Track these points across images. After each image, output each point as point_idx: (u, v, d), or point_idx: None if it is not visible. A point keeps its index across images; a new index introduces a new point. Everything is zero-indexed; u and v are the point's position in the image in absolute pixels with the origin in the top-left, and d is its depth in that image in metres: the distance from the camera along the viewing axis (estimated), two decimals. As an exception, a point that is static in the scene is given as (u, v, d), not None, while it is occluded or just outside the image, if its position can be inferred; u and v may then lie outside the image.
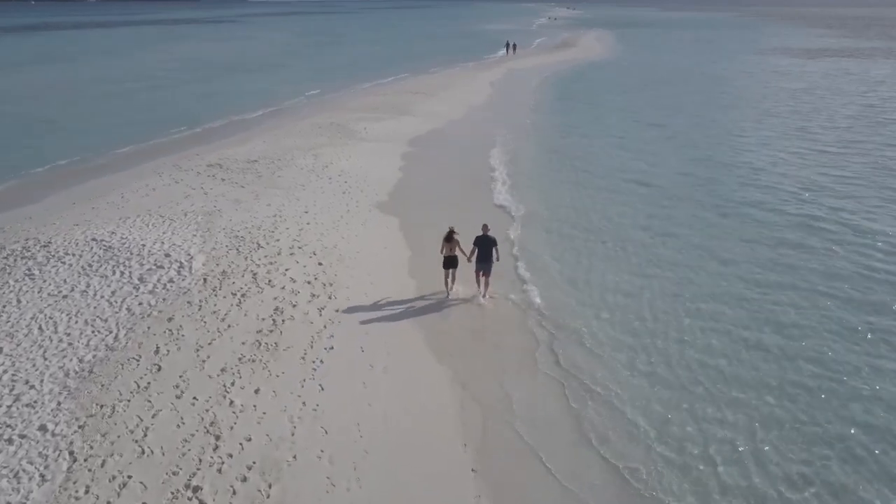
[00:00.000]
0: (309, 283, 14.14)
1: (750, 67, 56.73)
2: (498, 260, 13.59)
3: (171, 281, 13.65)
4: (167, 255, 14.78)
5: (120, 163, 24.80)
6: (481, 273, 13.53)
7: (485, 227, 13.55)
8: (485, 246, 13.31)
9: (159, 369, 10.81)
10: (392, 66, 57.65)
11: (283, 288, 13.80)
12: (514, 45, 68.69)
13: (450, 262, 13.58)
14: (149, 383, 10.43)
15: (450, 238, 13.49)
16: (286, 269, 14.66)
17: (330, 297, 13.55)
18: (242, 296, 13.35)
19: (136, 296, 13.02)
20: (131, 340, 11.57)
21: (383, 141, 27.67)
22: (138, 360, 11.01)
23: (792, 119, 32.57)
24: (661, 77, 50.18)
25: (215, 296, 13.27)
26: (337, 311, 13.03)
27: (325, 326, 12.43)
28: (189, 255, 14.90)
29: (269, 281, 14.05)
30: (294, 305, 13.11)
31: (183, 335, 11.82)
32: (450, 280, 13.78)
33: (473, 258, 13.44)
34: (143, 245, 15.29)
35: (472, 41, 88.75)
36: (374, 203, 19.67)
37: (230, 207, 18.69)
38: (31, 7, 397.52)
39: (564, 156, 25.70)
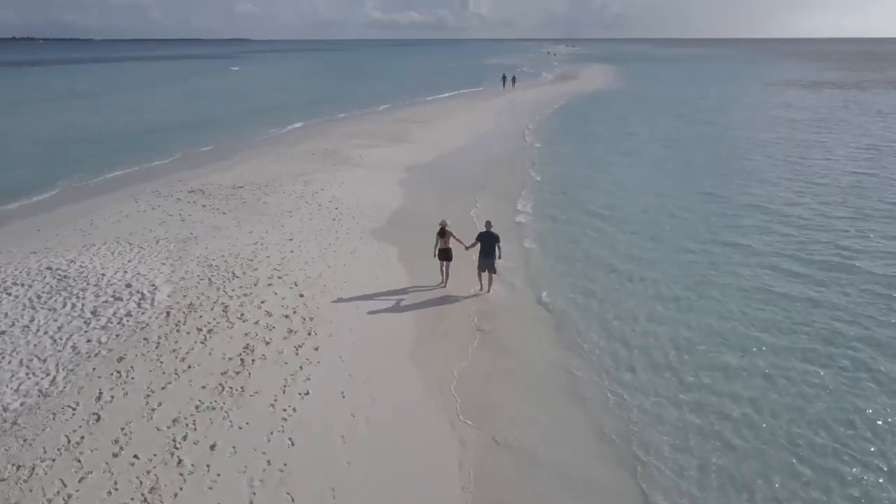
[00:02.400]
0: (287, 316, 12.46)
1: (753, 99, 55.92)
2: (500, 258, 13.77)
3: (128, 315, 11.97)
4: (128, 286, 13.13)
5: (97, 189, 23.34)
6: (485, 269, 13.73)
7: (488, 224, 13.87)
8: (487, 242, 13.53)
9: (98, 420, 9.06)
10: (389, 97, 56.96)
11: (256, 322, 12.11)
12: (514, 79, 67.61)
13: (444, 255, 13.97)
14: (82, 437, 8.67)
15: (442, 233, 13.89)
16: (262, 302, 12.99)
17: (309, 334, 11.86)
18: (209, 331, 11.66)
19: (86, 332, 11.33)
20: (70, 384, 9.84)
21: (379, 168, 26.25)
22: (74, 409, 9.26)
23: (797, 149, 31.25)
24: (666, 108, 49.14)
25: (177, 332, 11.57)
26: (316, 349, 11.32)
27: (300, 367, 10.70)
28: (153, 285, 13.25)
29: (242, 315, 12.38)
30: (267, 343, 11.41)
31: (133, 378, 10.09)
32: (445, 272, 14.19)
33: (472, 248, 13.80)
34: (103, 274, 13.65)
35: (471, 75, 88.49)
36: (366, 230, 18.08)
37: (208, 234, 17.12)
38: (38, 46, 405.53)
39: (569, 187, 24.18)
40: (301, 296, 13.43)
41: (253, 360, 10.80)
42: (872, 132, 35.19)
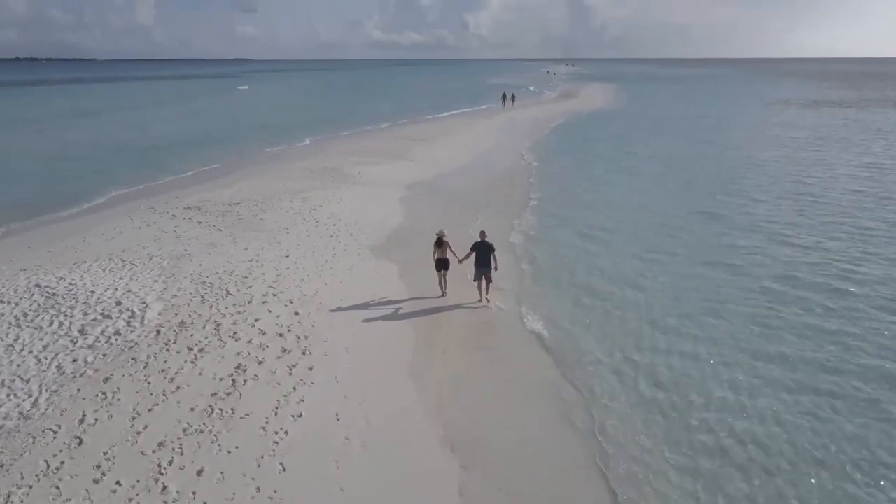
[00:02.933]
0: (281, 335, 12.08)
1: (753, 118, 55.90)
2: (496, 269, 13.79)
3: (116, 333, 11.59)
4: (118, 304, 12.76)
5: (92, 206, 23.03)
6: (482, 278, 13.79)
7: (482, 234, 14.00)
8: (483, 252, 13.65)
9: (80, 444, 8.65)
10: (390, 115, 57.05)
11: (249, 341, 11.73)
12: (513, 97, 67.71)
13: (441, 265, 14.06)
14: (62, 463, 8.25)
15: (440, 243, 13.98)
16: (256, 320, 12.62)
17: (304, 353, 11.47)
18: (200, 351, 11.27)
19: (72, 351, 10.94)
20: (53, 406, 9.44)
21: (378, 185, 25.99)
22: (56, 432, 8.85)
23: (798, 167, 31.01)
24: (665, 127, 49.04)
25: (167, 351, 11.19)
26: (310, 369, 10.93)
27: (294, 388, 10.30)
28: (144, 303, 12.89)
29: (234, 333, 11.99)
30: (260, 362, 11.02)
31: (119, 399, 9.69)
32: (443, 282, 14.25)
33: (467, 261, 13.85)
34: (93, 292, 13.29)
35: (472, 94, 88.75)
36: (364, 247, 17.75)
37: (202, 251, 16.79)
38: (41, 66, 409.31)
39: (567, 205, 23.83)
40: (296, 314, 13.05)
41: (245, 381, 10.40)
42: (873, 150, 34.97)
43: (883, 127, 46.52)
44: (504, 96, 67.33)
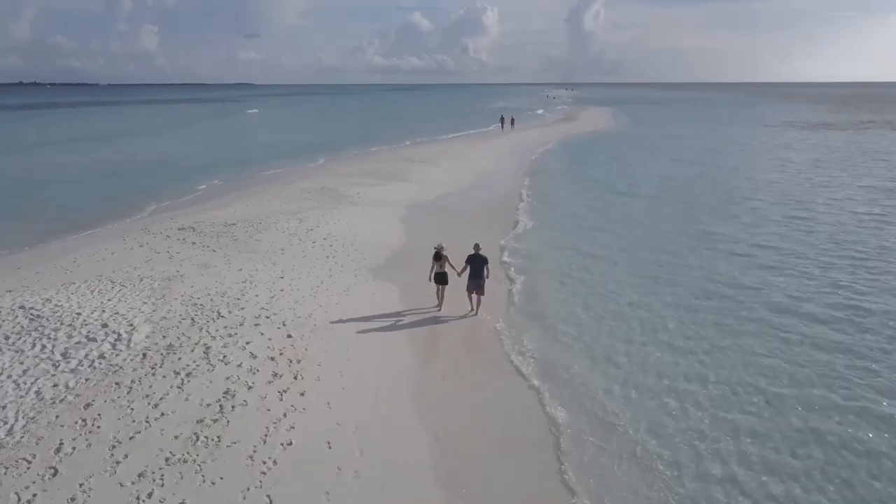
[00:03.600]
0: (272, 359, 11.62)
1: (753, 140, 55.95)
2: (488, 277, 14.09)
3: (101, 357, 11.13)
4: (104, 326, 12.32)
5: (84, 227, 22.60)
6: (474, 291, 14.00)
7: (476, 247, 14.26)
8: (476, 264, 13.87)
9: (55, 474, 8.15)
10: (390, 137, 57.12)
11: (239, 365, 11.26)
12: (513, 120, 67.84)
13: (440, 279, 14.13)
14: (34, 495, 7.75)
15: (438, 256, 14.05)
16: (247, 343, 12.17)
17: (296, 377, 11.01)
18: (187, 375, 10.80)
19: (53, 375, 10.47)
20: (29, 434, 8.95)
21: (377, 206, 25.68)
22: (30, 462, 8.36)
23: (799, 189, 30.80)
24: (664, 149, 48.96)
25: (153, 375, 10.72)
26: (302, 394, 10.45)
27: (284, 415, 9.82)
28: (131, 325, 12.44)
29: (224, 357, 11.53)
30: (249, 387, 10.54)
31: (99, 427, 9.20)
32: (441, 295, 14.29)
33: (464, 274, 14.00)
34: (79, 314, 12.85)
35: (471, 117, 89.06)
36: (361, 268, 17.36)
37: (195, 272, 16.38)
38: (45, 90, 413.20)
39: (566, 227, 23.54)
40: (289, 336, 12.61)
41: (233, 407, 9.92)
42: (875, 173, 34.68)
43: (883, 149, 46.44)
44: (503, 119, 67.42)
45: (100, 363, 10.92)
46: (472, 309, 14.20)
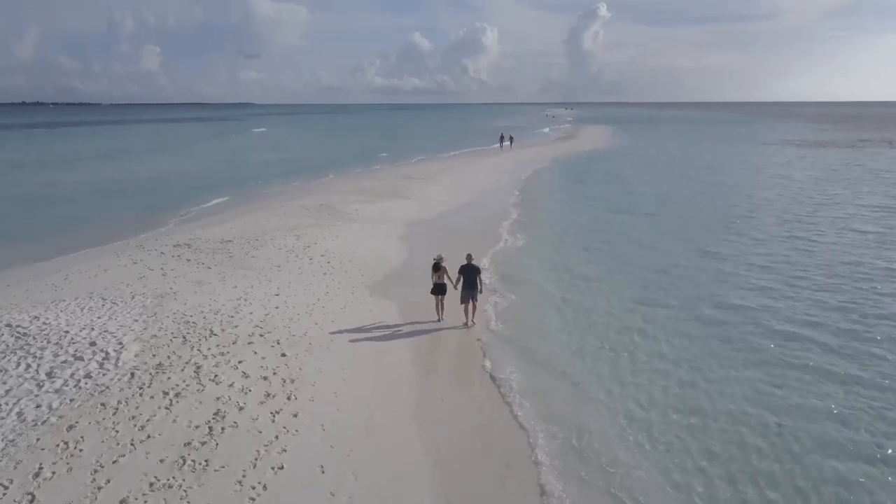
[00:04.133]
0: (265, 378, 11.23)
1: (753, 158, 55.93)
2: (482, 291, 14.22)
3: (87, 376, 10.74)
4: (92, 344, 11.95)
5: (77, 244, 22.21)
6: (467, 301, 13.99)
7: (468, 257, 14.32)
8: (469, 274, 13.93)
9: (32, 500, 7.74)
10: (389, 155, 57.11)
11: (230, 385, 10.87)
12: (511, 138, 67.81)
13: (438, 290, 14.22)
14: (9, 524, 7.34)
15: (437, 267, 14.17)
16: (239, 362, 11.79)
17: (289, 398, 10.61)
18: (176, 395, 10.40)
19: (36, 396, 10.08)
20: (7, 458, 8.54)
21: (375, 223, 25.42)
22: (6, 488, 7.94)
23: (801, 206, 30.55)
24: (664, 167, 48.85)
25: (140, 396, 10.32)
26: (295, 415, 10.05)
27: (276, 437, 9.41)
28: (120, 343, 12.07)
29: (215, 376, 11.15)
30: (241, 408, 10.15)
31: (81, 450, 8.80)
32: (440, 306, 14.35)
33: (460, 285, 14.00)
34: (67, 332, 12.48)
35: (471, 136, 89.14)
36: (358, 284, 17.03)
37: (188, 289, 16.04)
38: (48, 110, 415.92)
39: (570, 242, 23.28)
40: (283, 355, 12.24)
41: (222, 429, 9.52)
42: (879, 190, 34.38)
43: (882, 167, 46.30)
44: (502, 137, 67.44)
45: (86, 383, 10.53)
46: (467, 321, 14.17)
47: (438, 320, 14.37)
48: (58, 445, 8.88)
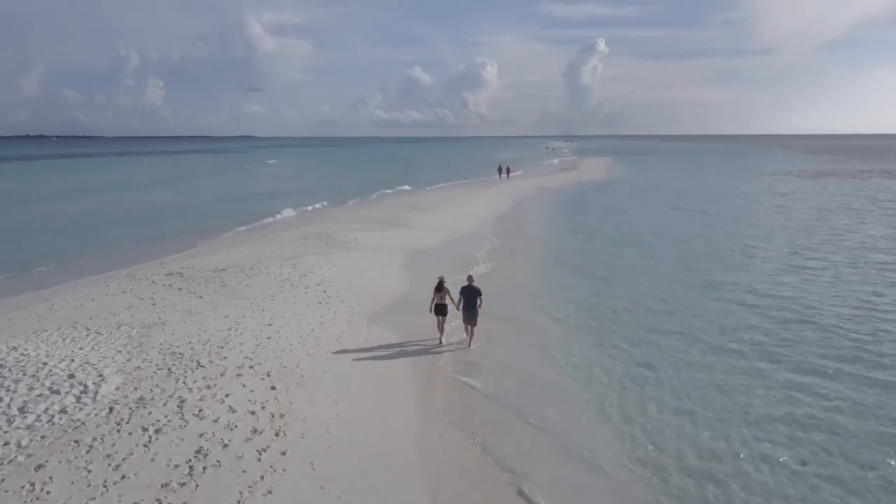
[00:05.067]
0: (253, 413, 10.55)
1: (755, 188, 55.65)
2: (481, 307, 14.13)
3: (62, 411, 10.07)
4: (71, 377, 11.30)
5: (68, 273, 21.66)
6: (468, 321, 14.09)
7: (469, 278, 14.42)
8: (470, 295, 13.99)
9: (-12, 551, 7.03)
10: (387, 185, 56.94)
11: (215, 420, 10.19)
12: (508, 169, 67.73)
13: (440, 310, 14.31)
14: (-41, 578, 6.62)
15: (440, 288, 14.31)
16: (226, 395, 11.12)
17: (277, 434, 9.92)
18: (156, 431, 9.72)
19: (5, 433, 9.40)
20: (-34, 502, 7.85)
21: (374, 251, 24.86)
22: (-39, 536, 7.25)
23: (807, 237, 29.97)
24: (665, 198, 48.44)
25: (118, 432, 9.64)
26: (283, 453, 9.35)
27: (262, 477, 8.71)
28: (101, 376, 11.42)
29: (200, 411, 10.47)
30: (225, 445, 9.45)
31: (48, 493, 8.10)
32: (442, 327, 14.44)
33: (461, 306, 14.09)
34: (45, 364, 11.84)
35: (470, 168, 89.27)
36: (355, 314, 16.39)
37: (178, 319, 15.42)
38: (52, 143, 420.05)
39: (572, 272, 22.67)
40: (273, 388, 11.57)
41: (204, 469, 8.82)
42: (886, 222, 33.66)
43: (885, 197, 45.92)
44: (500, 169, 67.58)
45: (60, 418, 9.86)
46: (469, 343, 14.23)
47: (439, 341, 14.35)
48: (23, 487, 8.18)
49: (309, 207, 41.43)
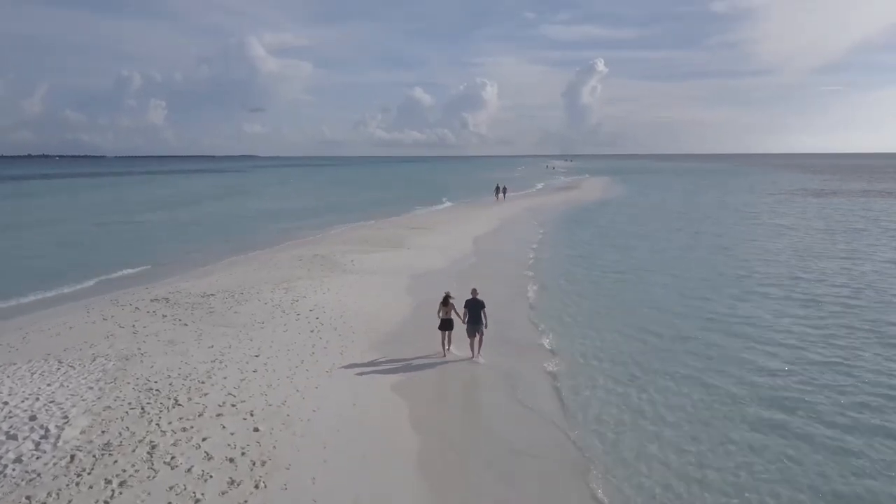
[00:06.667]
0: (231, 460, 9.50)
1: (758, 208, 54.76)
2: (486, 326, 14.22)
3: (17, 460, 9.03)
4: (32, 419, 10.27)
5: (51, 300, 20.68)
6: (474, 335, 14.18)
7: (474, 291, 14.54)
8: (474, 309, 14.09)
9: None
10: (385, 206, 56.15)
11: (188, 470, 9.14)
12: (504, 189, 66.62)
13: (445, 325, 14.45)
14: None
15: (445, 302, 14.48)
16: (203, 439, 10.08)
17: (257, 486, 8.86)
18: (121, 484, 8.67)
19: (-51, 487, 8.36)
20: None
21: (371, 274, 23.87)
22: None
23: (815, 260, 28.96)
24: (668, 218, 47.47)
25: (76, 485, 8.59)
26: (263, 509, 8.30)
27: (236, 541, 7.65)
28: (66, 417, 10.39)
29: (172, 458, 9.42)
30: (196, 500, 8.40)
31: (-13, 563, 7.05)
32: (446, 342, 14.57)
33: (466, 319, 14.20)
34: (6, 403, 10.82)
35: (469, 187, 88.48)
36: (348, 343, 15.39)
37: (159, 350, 14.41)
38: (54, 162, 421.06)
39: (574, 295, 21.68)
40: (256, 430, 10.53)
41: (170, 531, 7.77)
42: (892, 245, 32.53)
43: (888, 216, 44.93)
44: (497, 188, 66.66)
45: (13, 469, 8.81)
46: (473, 355, 14.31)
47: (444, 356, 14.46)
48: (-41, 556, 7.13)
49: (311, 233, 40.49)
